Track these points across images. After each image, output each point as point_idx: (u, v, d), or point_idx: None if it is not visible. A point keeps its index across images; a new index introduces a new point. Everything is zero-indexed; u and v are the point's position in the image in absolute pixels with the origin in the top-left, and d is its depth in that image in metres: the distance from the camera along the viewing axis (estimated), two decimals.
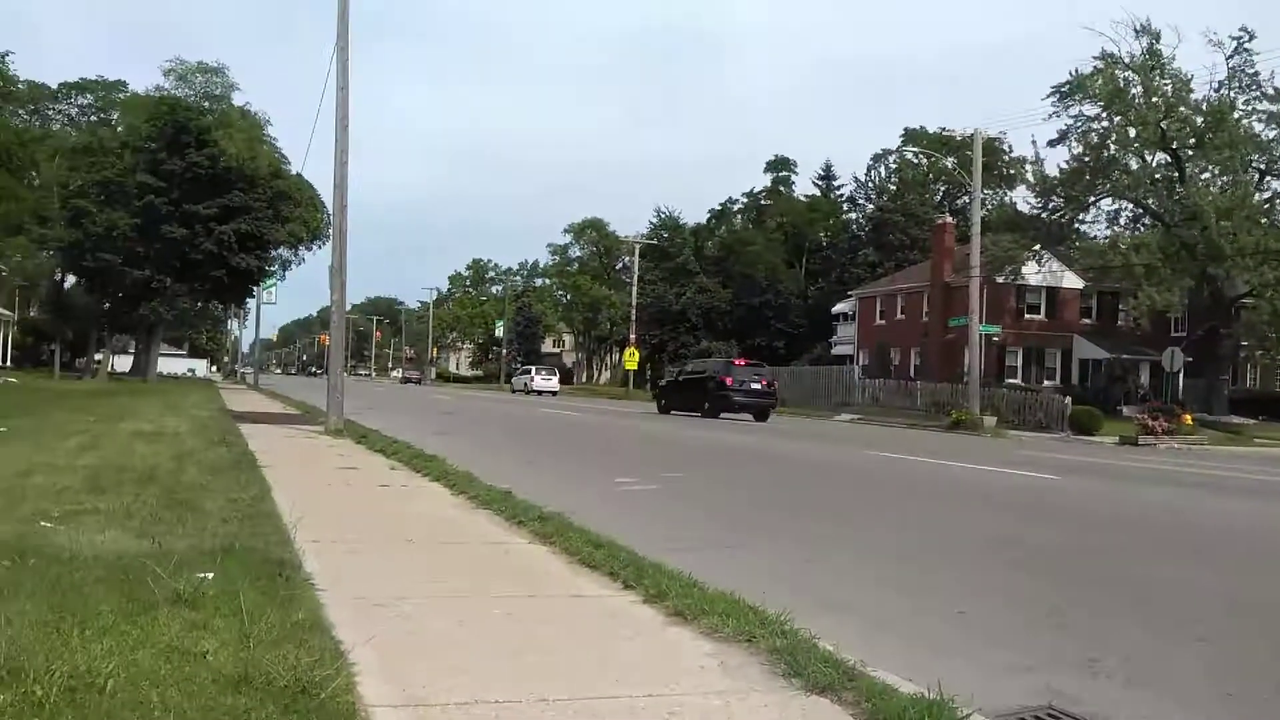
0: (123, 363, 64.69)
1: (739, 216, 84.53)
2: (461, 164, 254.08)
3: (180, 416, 18.21)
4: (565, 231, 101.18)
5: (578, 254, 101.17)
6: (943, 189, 71.85)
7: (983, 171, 37.25)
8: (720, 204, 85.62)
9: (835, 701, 3.51)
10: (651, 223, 78.65)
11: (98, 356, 52.64)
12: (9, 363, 52.93)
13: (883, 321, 55.72)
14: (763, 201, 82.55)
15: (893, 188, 72.75)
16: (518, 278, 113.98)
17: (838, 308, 63.15)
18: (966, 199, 55.41)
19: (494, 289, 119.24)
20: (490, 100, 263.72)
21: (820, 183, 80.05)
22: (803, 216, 76.57)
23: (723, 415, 28.62)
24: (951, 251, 49.03)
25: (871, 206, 74.46)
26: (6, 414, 16.86)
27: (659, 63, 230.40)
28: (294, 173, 49.97)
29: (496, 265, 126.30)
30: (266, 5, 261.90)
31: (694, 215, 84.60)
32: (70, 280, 53.36)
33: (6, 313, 55.30)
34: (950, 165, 54.44)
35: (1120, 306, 48.74)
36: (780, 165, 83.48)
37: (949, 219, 52.39)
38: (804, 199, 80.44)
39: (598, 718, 3.30)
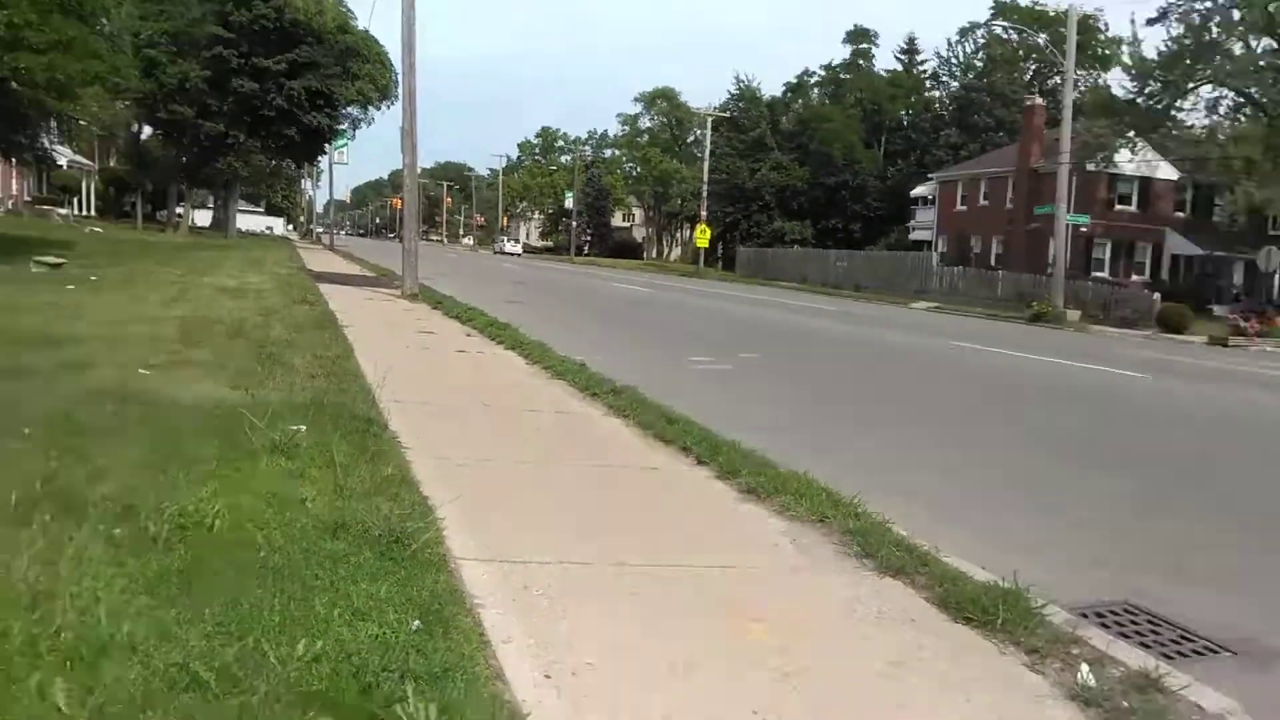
0: (203, 217, 66.00)
1: (816, 90, 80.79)
2: (532, 22, 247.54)
3: (262, 274, 18.66)
4: (635, 100, 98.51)
5: (648, 125, 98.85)
6: (1033, 68, 67.49)
7: (1077, 51, 35.01)
8: (797, 76, 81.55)
9: (908, 584, 3.57)
10: (729, 92, 75.25)
11: (178, 210, 53.77)
12: (93, 212, 54.42)
13: (964, 207, 53.94)
14: (841, 75, 78.62)
15: (980, 65, 68.95)
16: (587, 148, 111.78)
17: (917, 191, 61.08)
18: (1058, 80, 52.45)
19: (563, 159, 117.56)
20: None
21: (902, 57, 75.39)
22: (883, 93, 72.61)
23: None
24: (1041, 135, 46.78)
25: (956, 84, 70.70)
26: (97, 263, 17.46)
27: None
28: (361, 28, 49.38)
29: (566, 135, 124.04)
30: None
31: (772, 88, 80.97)
32: (147, 131, 54.15)
33: (88, 162, 56.49)
34: (1042, 42, 51.35)
35: (1216, 201, 46.29)
36: (860, 36, 78.77)
37: (1039, 100, 49.54)
38: (885, 74, 75.95)
39: (671, 584, 3.41)
